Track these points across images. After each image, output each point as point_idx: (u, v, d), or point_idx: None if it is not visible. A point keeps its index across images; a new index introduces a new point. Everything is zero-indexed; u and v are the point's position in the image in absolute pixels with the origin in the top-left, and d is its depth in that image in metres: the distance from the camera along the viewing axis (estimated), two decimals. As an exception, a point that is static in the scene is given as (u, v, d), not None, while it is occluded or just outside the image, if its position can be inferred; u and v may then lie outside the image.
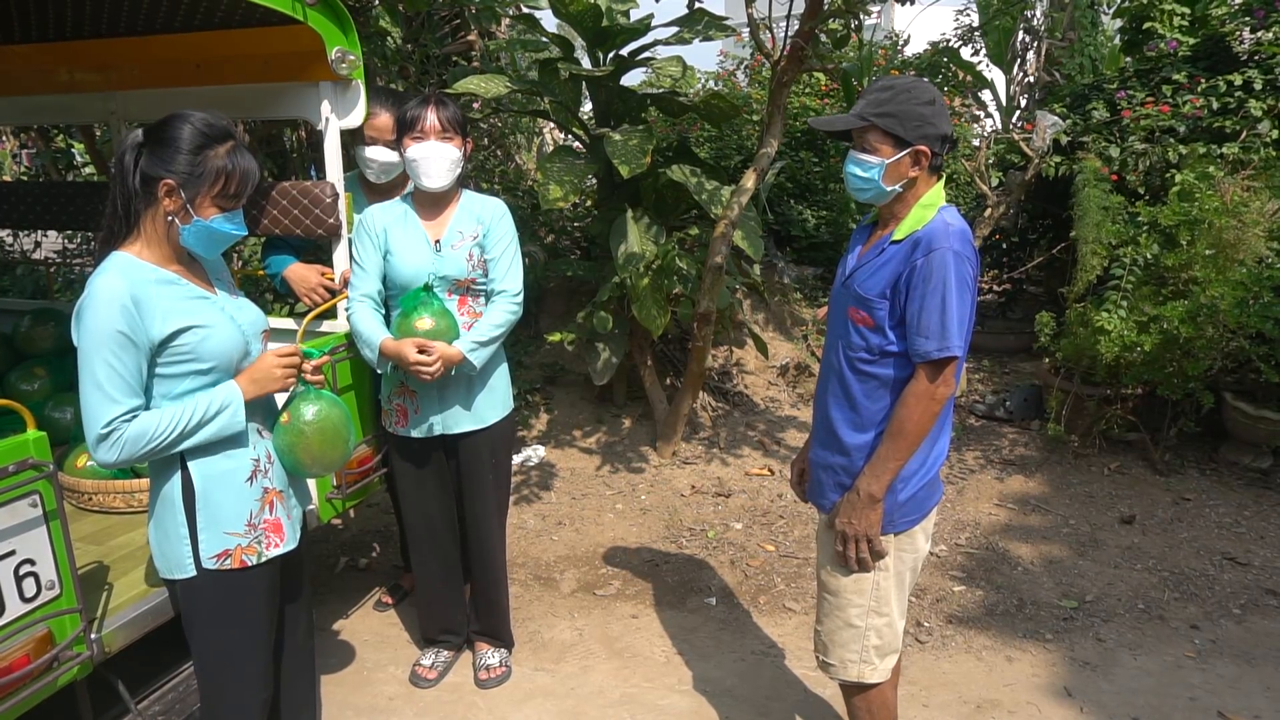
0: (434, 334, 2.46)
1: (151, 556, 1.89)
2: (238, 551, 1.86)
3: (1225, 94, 4.28)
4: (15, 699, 1.72)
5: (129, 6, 2.52)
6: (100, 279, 1.65)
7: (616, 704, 2.72)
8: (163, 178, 1.70)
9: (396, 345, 2.44)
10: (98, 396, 1.63)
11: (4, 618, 1.72)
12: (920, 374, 1.87)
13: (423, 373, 2.44)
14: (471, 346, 2.51)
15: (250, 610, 1.91)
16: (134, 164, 1.72)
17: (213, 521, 1.81)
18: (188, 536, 1.80)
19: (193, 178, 1.71)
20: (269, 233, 2.85)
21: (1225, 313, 3.60)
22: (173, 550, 1.81)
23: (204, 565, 1.81)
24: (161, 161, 1.71)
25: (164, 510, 1.80)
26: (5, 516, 1.72)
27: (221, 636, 1.87)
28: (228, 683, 1.90)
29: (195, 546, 1.80)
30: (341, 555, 3.71)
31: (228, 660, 1.89)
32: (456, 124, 2.51)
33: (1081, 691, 2.71)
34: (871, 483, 1.92)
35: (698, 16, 4.29)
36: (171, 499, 1.78)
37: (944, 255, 1.81)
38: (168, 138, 1.72)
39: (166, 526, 1.80)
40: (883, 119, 1.86)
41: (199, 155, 1.72)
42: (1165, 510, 3.87)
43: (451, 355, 2.47)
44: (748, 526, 3.85)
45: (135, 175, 1.71)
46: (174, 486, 1.78)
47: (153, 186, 1.72)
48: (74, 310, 1.65)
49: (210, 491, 1.81)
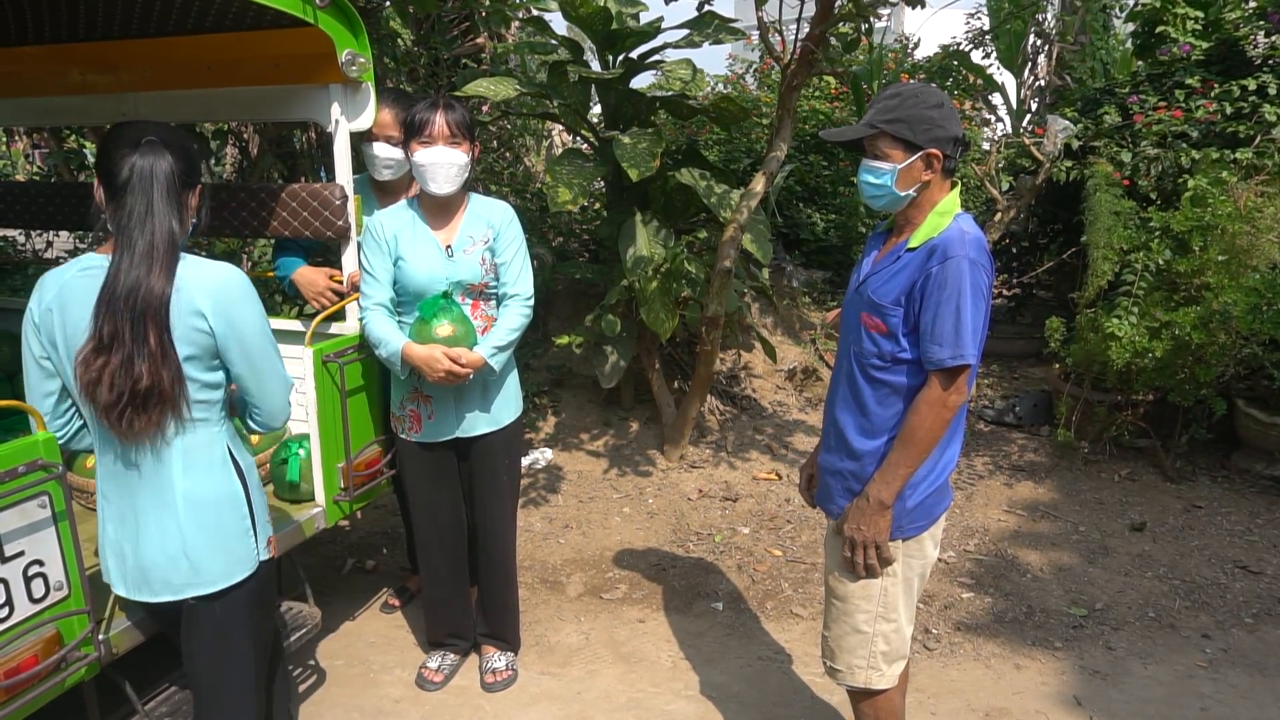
0: (455, 340, 2.47)
1: (190, 565, 1.77)
2: (273, 539, 1.96)
3: (1239, 99, 4.25)
4: (23, 699, 1.73)
5: (141, 9, 2.52)
6: (238, 271, 1.79)
7: (622, 709, 2.71)
8: (198, 183, 1.79)
9: (425, 352, 2.45)
10: (282, 368, 1.90)
11: (13, 618, 1.72)
12: (933, 381, 1.86)
13: (451, 381, 2.47)
14: (491, 351, 2.53)
15: (274, 597, 2.03)
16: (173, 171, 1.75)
17: (260, 513, 1.89)
18: (251, 529, 1.84)
19: (203, 183, 1.83)
20: (278, 235, 2.86)
21: (1238, 319, 3.57)
22: (238, 549, 1.82)
23: (262, 556, 1.87)
24: (199, 170, 1.80)
25: (227, 511, 1.81)
26: (14, 517, 1.72)
27: (265, 629, 1.94)
28: (263, 671, 1.95)
29: (256, 540, 1.85)
30: (349, 557, 3.71)
31: (265, 647, 1.95)
32: (464, 128, 2.51)
33: (1091, 700, 2.69)
34: (881, 489, 1.91)
35: (707, 19, 4.29)
36: (235, 495, 1.81)
37: (959, 263, 1.80)
38: (187, 147, 1.77)
39: (229, 527, 1.81)
40: (892, 125, 1.86)
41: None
42: (1176, 518, 3.84)
43: (475, 361, 2.48)
44: (755, 531, 3.84)
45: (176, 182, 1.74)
46: (234, 482, 1.82)
47: (188, 193, 1.78)
48: (226, 300, 1.74)
49: (254, 485, 1.89)
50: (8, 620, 1.72)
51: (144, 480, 1.75)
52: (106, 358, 1.63)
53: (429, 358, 2.45)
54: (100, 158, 1.74)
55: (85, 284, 1.68)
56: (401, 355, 2.49)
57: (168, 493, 1.75)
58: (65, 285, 1.71)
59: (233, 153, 5.51)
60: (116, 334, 1.63)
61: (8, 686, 1.68)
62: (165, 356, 1.66)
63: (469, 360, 2.47)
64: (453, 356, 2.44)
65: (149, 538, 1.77)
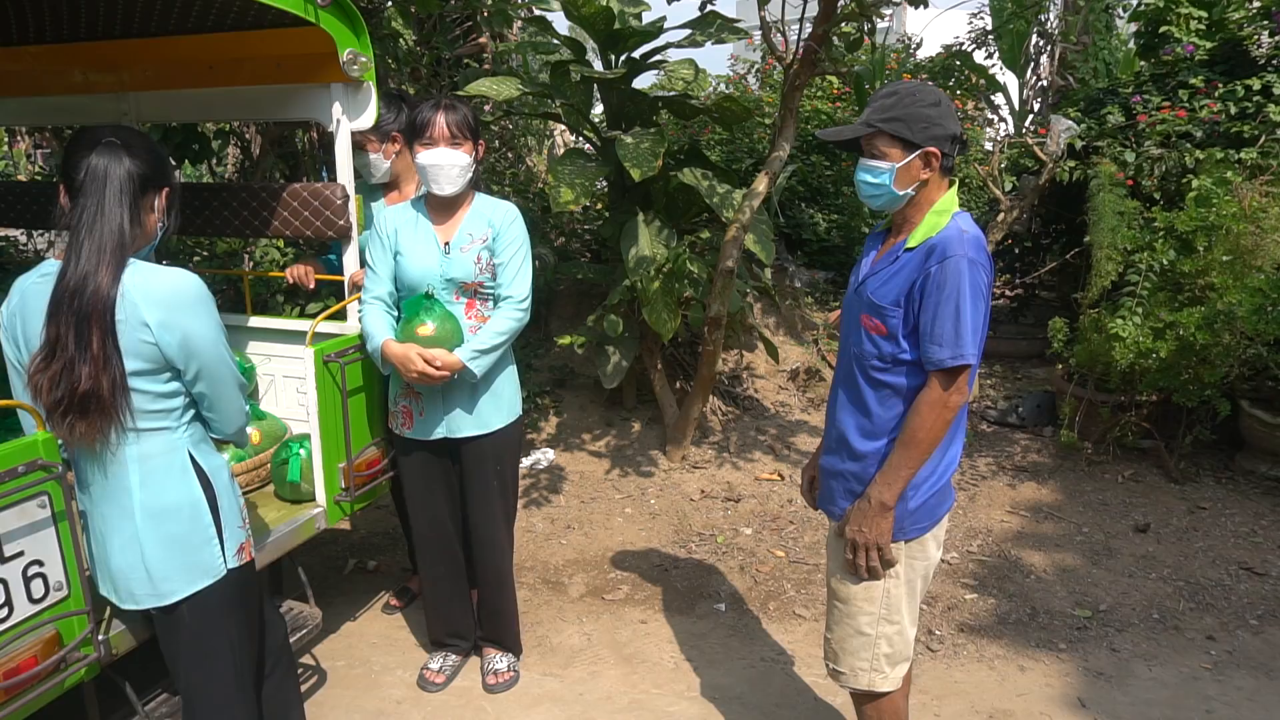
0: (435, 340, 2.45)
1: (148, 576, 1.77)
2: (247, 545, 1.93)
3: (1243, 99, 4.24)
4: (23, 700, 1.72)
5: (142, 8, 2.52)
6: (190, 277, 1.74)
7: (624, 710, 2.70)
8: (164, 186, 1.78)
9: (401, 350, 2.44)
10: (236, 375, 1.86)
11: (12, 619, 1.72)
12: (933, 382, 1.84)
13: (426, 381, 2.47)
14: (472, 355, 2.49)
15: (255, 602, 1.98)
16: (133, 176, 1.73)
17: (229, 519, 1.86)
18: (215, 537, 1.82)
19: (173, 186, 1.83)
20: (279, 234, 2.85)
21: (1243, 319, 3.56)
22: (198, 556, 1.80)
23: (229, 563, 1.84)
24: (165, 173, 1.78)
25: (185, 517, 1.78)
26: (14, 518, 1.71)
27: (240, 634, 1.90)
28: (246, 675, 1.93)
29: (223, 546, 1.83)
30: (350, 557, 3.71)
31: (244, 652, 1.93)
32: (466, 129, 2.50)
33: (1096, 702, 2.68)
34: (883, 490, 1.89)
35: (710, 19, 4.28)
36: (195, 502, 1.79)
37: (958, 263, 1.79)
38: (151, 149, 1.77)
39: (187, 534, 1.79)
40: (889, 123, 1.85)
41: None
42: (1180, 519, 3.83)
43: (452, 364, 2.46)
44: (757, 532, 3.83)
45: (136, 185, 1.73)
46: (195, 490, 1.79)
47: (152, 196, 1.77)
48: (175, 308, 1.70)
49: (221, 489, 1.86)
50: (7, 620, 1.71)
51: (104, 489, 1.76)
52: (50, 362, 1.63)
53: (404, 357, 2.43)
54: (63, 160, 1.74)
55: (42, 288, 1.68)
56: (381, 351, 2.49)
57: (126, 502, 1.75)
58: (26, 290, 1.72)
59: (234, 153, 5.52)
60: (60, 337, 1.62)
61: (7, 687, 1.68)
62: (106, 362, 1.63)
63: (445, 362, 2.44)
64: (427, 358, 2.42)
65: (113, 546, 1.78)
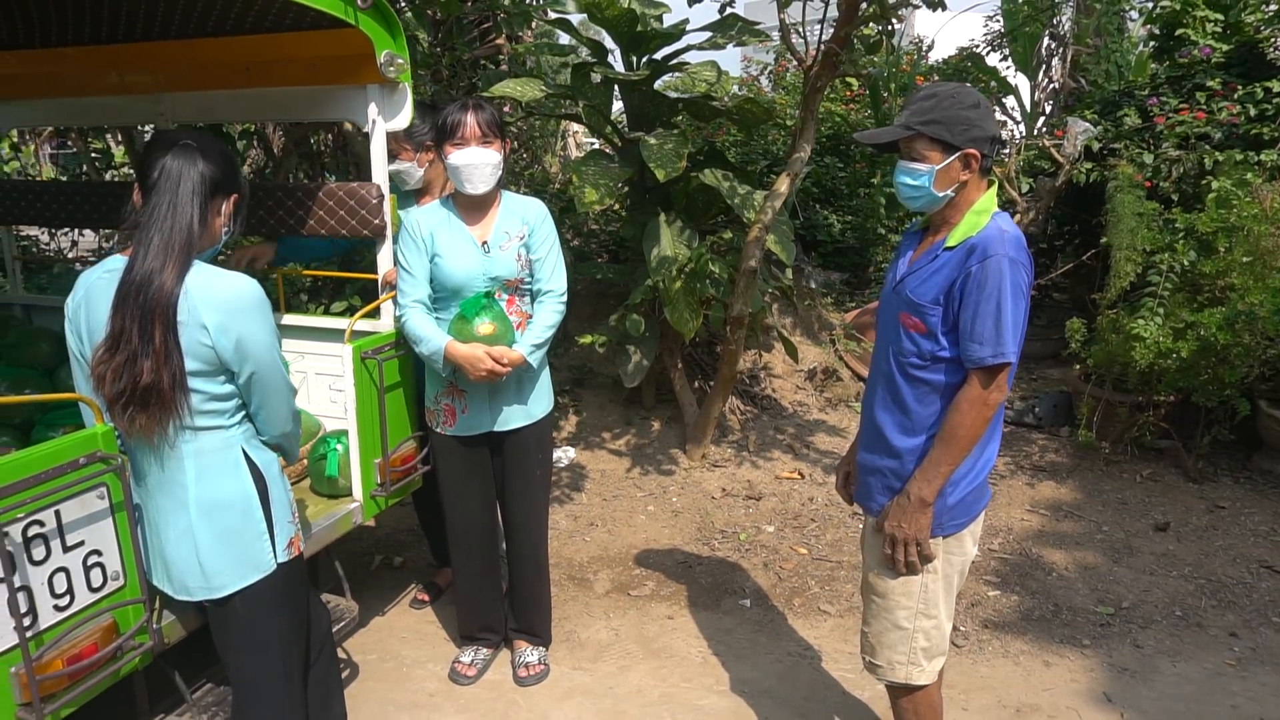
0: (495, 338, 2.51)
1: (201, 570, 1.81)
2: (296, 539, 1.96)
3: (1263, 101, 4.26)
4: (84, 686, 1.76)
5: (182, 11, 2.56)
6: (251, 283, 1.79)
7: (656, 704, 2.74)
8: (233, 193, 1.83)
9: (468, 351, 2.48)
10: (287, 379, 1.92)
11: (74, 606, 1.76)
12: (974, 379, 1.87)
13: (492, 379, 2.52)
14: (530, 349, 2.57)
15: (304, 595, 2.02)
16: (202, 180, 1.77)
17: (280, 513, 1.89)
18: (266, 533, 1.85)
19: (242, 194, 1.88)
20: (314, 233, 2.89)
21: (1263, 320, 3.59)
22: (249, 551, 1.84)
23: (279, 558, 1.87)
24: (235, 180, 1.84)
25: (238, 512, 1.82)
26: (75, 508, 1.76)
27: (291, 625, 1.93)
28: (295, 665, 1.97)
29: (273, 541, 1.86)
30: (376, 554, 3.75)
31: (293, 643, 1.97)
32: (495, 128, 2.54)
33: (1122, 698, 2.71)
34: (922, 487, 1.93)
35: (730, 22, 4.31)
36: (247, 497, 1.83)
37: (999, 262, 1.82)
38: (225, 155, 1.81)
39: (240, 529, 1.82)
40: (929, 126, 1.87)
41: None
42: (1200, 518, 3.85)
43: (515, 359, 2.52)
44: (779, 529, 3.86)
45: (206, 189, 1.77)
46: (247, 485, 1.83)
47: (220, 200, 1.82)
48: (233, 313, 1.74)
49: (273, 484, 1.89)
50: (69, 608, 1.75)
51: (160, 482, 1.80)
52: (114, 354, 1.67)
53: (472, 356, 2.48)
54: (139, 161, 1.79)
55: (108, 283, 1.72)
56: (444, 353, 2.52)
57: (181, 495, 1.79)
58: (91, 285, 1.76)
59: (255, 153, 5.56)
60: (124, 330, 1.66)
61: (71, 673, 1.72)
62: (168, 357, 1.67)
63: (510, 359, 2.51)
64: (495, 355, 2.48)
65: (168, 538, 1.82)
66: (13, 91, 3.23)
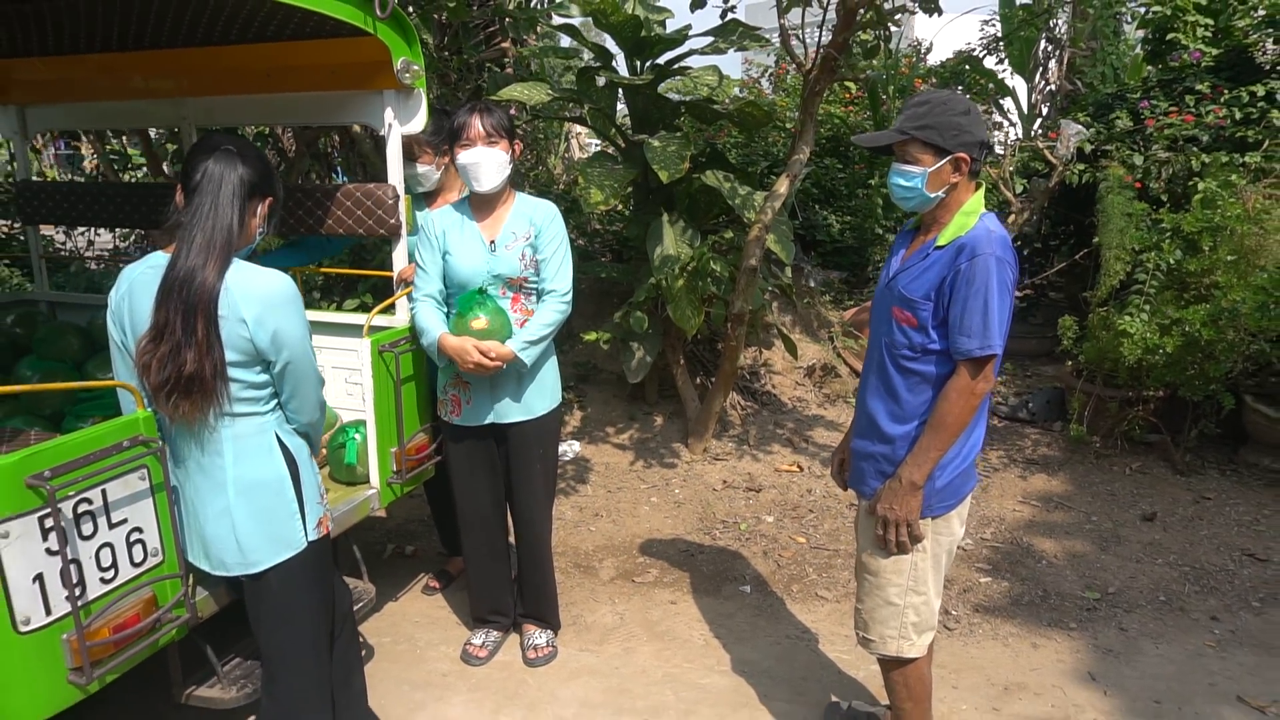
0: (488, 333, 2.62)
1: (238, 546, 1.94)
2: (325, 519, 2.08)
3: (1248, 104, 4.39)
4: (128, 653, 1.89)
5: (207, 21, 2.68)
6: (286, 279, 1.92)
7: (660, 682, 2.86)
8: (269, 196, 1.95)
9: (458, 343, 2.59)
10: (316, 370, 2.05)
11: (118, 579, 1.88)
12: (962, 370, 2.00)
13: (481, 372, 2.62)
14: (523, 345, 2.66)
15: (329, 572, 2.15)
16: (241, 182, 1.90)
17: (310, 494, 2.02)
18: (298, 512, 1.97)
19: (277, 197, 2.01)
20: (333, 233, 3.01)
21: (1246, 316, 3.71)
22: (283, 529, 1.96)
23: (309, 536, 1.99)
24: (271, 183, 1.97)
25: (273, 492, 1.94)
26: (119, 488, 1.88)
27: (319, 600, 2.05)
28: (322, 638, 2.09)
29: (304, 520, 1.98)
30: (388, 543, 3.87)
31: (321, 617, 2.09)
32: (502, 129, 2.66)
33: (1105, 676, 2.83)
34: (913, 470, 2.05)
35: (732, 27, 4.43)
36: (281, 479, 1.95)
37: (987, 261, 1.95)
38: (262, 161, 1.93)
39: (274, 508, 1.95)
40: (922, 131, 2.00)
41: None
42: (1186, 508, 3.98)
43: (505, 355, 2.62)
44: (779, 520, 3.98)
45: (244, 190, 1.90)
46: (281, 467, 1.95)
47: (257, 202, 1.94)
48: (271, 307, 1.87)
49: (304, 467, 2.02)
50: (114, 580, 1.87)
51: (199, 464, 1.92)
52: (158, 344, 1.80)
53: (460, 349, 2.59)
54: (183, 165, 1.92)
55: (151, 279, 1.85)
56: (438, 344, 2.65)
57: (220, 477, 1.92)
58: (135, 279, 1.89)
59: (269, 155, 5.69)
60: (169, 322, 1.79)
61: (116, 640, 1.84)
62: (210, 348, 1.80)
63: (499, 353, 2.61)
64: (482, 349, 2.58)
65: (207, 517, 1.94)
66: (41, 96, 3.35)
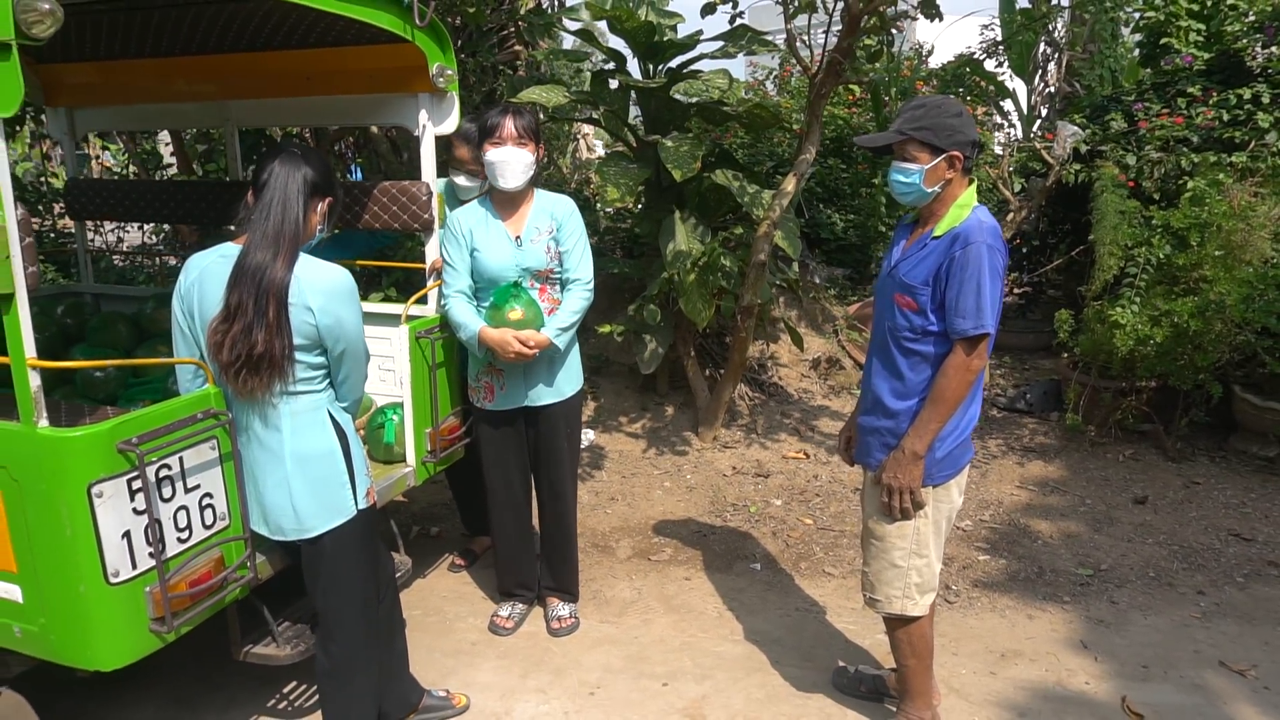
0: (524, 323, 2.81)
1: (295, 513, 2.13)
2: (371, 490, 2.26)
3: (1236, 106, 4.57)
4: (200, 607, 2.07)
5: (253, 28, 2.87)
6: (346, 274, 2.10)
7: (677, 650, 3.04)
8: (329, 196, 2.15)
9: (498, 335, 2.78)
10: (366, 355, 2.24)
11: (193, 539, 2.07)
12: (958, 349, 2.19)
13: (521, 359, 2.81)
14: (556, 332, 2.86)
15: (375, 539, 2.34)
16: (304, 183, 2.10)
17: (359, 466, 2.20)
18: (349, 482, 2.16)
19: (336, 198, 2.21)
20: (369, 227, 3.20)
21: (1232, 308, 3.89)
22: (335, 498, 2.15)
23: (359, 504, 2.17)
24: (331, 184, 2.16)
25: (326, 463, 2.13)
26: (193, 456, 2.06)
27: (367, 564, 2.24)
28: (371, 599, 2.28)
29: (354, 489, 2.16)
30: (414, 525, 4.05)
31: (369, 579, 2.27)
32: (530, 131, 2.84)
33: (1096, 645, 3.01)
34: (915, 442, 2.24)
35: (740, 32, 4.62)
36: (333, 451, 2.14)
37: (979, 248, 2.14)
38: (324, 164, 2.14)
39: (328, 478, 2.13)
40: (919, 131, 2.20)
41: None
42: (1176, 492, 4.16)
43: (541, 341, 2.82)
44: (787, 503, 4.17)
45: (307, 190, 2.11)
46: (333, 440, 2.14)
47: (318, 201, 2.14)
48: (334, 298, 2.06)
49: (353, 441, 2.21)
50: (189, 540, 2.06)
51: (261, 437, 2.11)
52: (230, 325, 1.98)
53: (501, 340, 2.79)
54: (254, 167, 2.13)
55: (222, 267, 2.04)
56: (479, 338, 2.83)
57: (279, 449, 2.10)
58: (206, 268, 2.08)
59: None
60: (241, 305, 1.98)
61: (192, 594, 2.03)
62: (280, 329, 1.99)
63: (536, 341, 2.81)
64: (522, 339, 2.78)
65: (266, 486, 2.13)
66: (90, 99, 3.55)
